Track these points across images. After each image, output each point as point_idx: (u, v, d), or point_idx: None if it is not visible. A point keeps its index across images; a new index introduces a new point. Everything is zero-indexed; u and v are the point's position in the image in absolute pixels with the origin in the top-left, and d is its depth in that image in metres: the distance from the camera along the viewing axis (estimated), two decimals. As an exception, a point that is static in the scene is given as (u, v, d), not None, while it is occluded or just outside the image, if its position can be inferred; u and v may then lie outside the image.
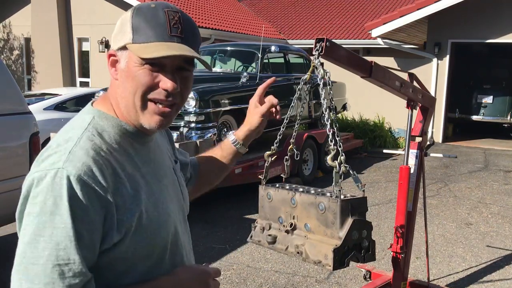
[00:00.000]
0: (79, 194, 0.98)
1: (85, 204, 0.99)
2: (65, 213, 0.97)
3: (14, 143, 4.21)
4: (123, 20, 1.11)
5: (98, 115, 1.12)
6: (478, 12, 10.84)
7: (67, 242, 0.97)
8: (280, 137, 2.59)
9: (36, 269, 0.97)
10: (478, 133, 12.71)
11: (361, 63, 2.83)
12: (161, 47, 1.04)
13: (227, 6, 16.24)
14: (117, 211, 1.04)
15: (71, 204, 0.98)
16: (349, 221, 2.13)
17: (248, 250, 4.80)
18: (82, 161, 1.01)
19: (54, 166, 1.00)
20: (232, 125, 6.65)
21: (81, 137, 1.06)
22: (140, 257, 1.11)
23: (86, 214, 0.99)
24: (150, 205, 1.11)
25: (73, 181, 0.98)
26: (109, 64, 1.13)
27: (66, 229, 0.97)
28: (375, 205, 6.45)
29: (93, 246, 1.02)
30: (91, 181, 1.00)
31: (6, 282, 1.09)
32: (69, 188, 0.98)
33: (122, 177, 1.06)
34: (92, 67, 13.96)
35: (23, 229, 1.01)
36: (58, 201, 0.97)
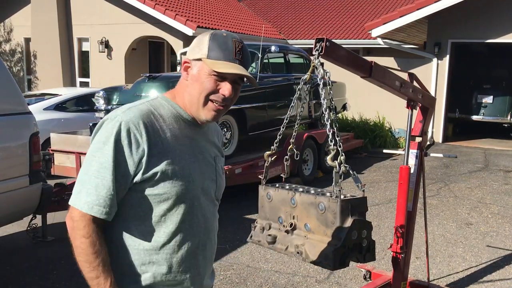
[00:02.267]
0: (124, 135, 1.41)
1: (127, 144, 1.41)
2: (110, 146, 1.40)
3: (14, 143, 4.21)
4: (201, 39, 1.51)
5: (162, 98, 1.56)
6: (478, 12, 10.84)
7: (106, 165, 1.40)
8: (280, 137, 2.59)
9: (85, 177, 1.42)
10: (478, 133, 12.71)
11: (361, 63, 2.83)
12: (227, 65, 1.47)
13: (227, 6, 16.23)
14: (149, 157, 1.42)
15: (116, 141, 1.40)
16: (349, 221, 2.12)
17: (248, 250, 4.80)
18: (134, 115, 1.44)
19: (116, 113, 1.45)
20: (232, 125, 6.65)
21: (142, 103, 1.51)
22: (162, 199, 1.46)
23: (125, 151, 1.41)
24: (177, 164, 1.47)
25: (122, 126, 1.41)
26: (182, 69, 1.54)
27: (108, 156, 1.40)
28: (375, 205, 6.45)
29: (127, 176, 1.42)
30: (135, 129, 1.42)
31: (7, 282, 1.09)
32: (118, 130, 1.41)
33: (162, 136, 1.46)
34: (92, 67, 13.96)
35: (88, 151, 1.45)
36: (109, 136, 1.41)
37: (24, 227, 5.07)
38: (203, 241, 1.57)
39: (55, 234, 5.22)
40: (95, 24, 13.53)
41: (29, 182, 4.23)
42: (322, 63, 2.41)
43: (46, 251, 4.79)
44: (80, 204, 1.40)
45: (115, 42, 13.46)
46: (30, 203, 4.36)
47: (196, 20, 12.37)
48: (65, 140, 6.39)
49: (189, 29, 11.78)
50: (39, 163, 4.41)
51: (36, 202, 4.39)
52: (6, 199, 4.03)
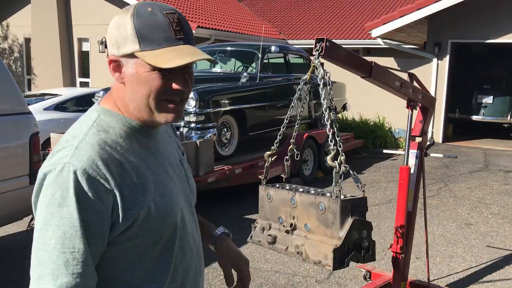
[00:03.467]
0: (85, 187, 1.05)
1: (91, 196, 1.06)
2: (71, 205, 1.04)
3: (14, 143, 4.21)
4: (119, 23, 1.13)
5: (103, 112, 1.18)
6: (478, 12, 10.83)
7: (72, 232, 1.04)
8: (280, 137, 2.59)
9: (44, 255, 1.05)
10: (478, 133, 12.70)
11: (361, 63, 2.83)
12: (174, 53, 1.10)
13: (227, 6, 16.23)
14: (124, 201, 1.10)
15: (77, 196, 1.05)
16: (349, 221, 2.13)
17: (248, 250, 4.80)
18: (88, 155, 1.08)
19: (62, 161, 1.07)
20: (232, 125, 6.65)
21: (87, 133, 1.13)
22: (149, 244, 1.17)
23: (93, 205, 1.06)
24: (157, 194, 1.17)
25: (79, 175, 1.05)
26: (111, 69, 1.16)
27: (72, 219, 1.04)
28: (375, 205, 6.45)
29: (102, 234, 1.09)
30: (96, 174, 1.07)
31: (7, 282, 1.10)
32: (75, 181, 1.05)
33: (127, 169, 1.12)
34: (92, 67, 13.96)
35: (37, 218, 1.09)
36: (65, 194, 1.05)
37: (24, 227, 5.07)
38: (198, 264, 1.35)
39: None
40: (95, 24, 13.52)
41: (29, 182, 4.23)
42: (322, 63, 2.41)
43: (46, 251, 4.78)
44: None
45: (115, 42, 13.44)
46: (30, 203, 4.35)
47: (196, 20, 12.37)
48: (65, 140, 6.36)
49: (189, 29, 11.77)
50: (39, 163, 4.40)
51: (36, 202, 4.38)
52: (6, 199, 4.03)
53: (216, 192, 6.63)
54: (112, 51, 1.14)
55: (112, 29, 1.14)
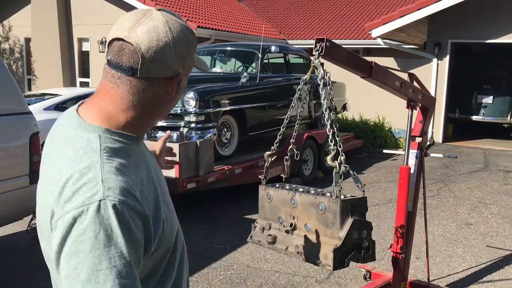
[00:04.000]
0: (127, 218, 0.99)
1: (132, 226, 1.00)
2: (119, 241, 0.97)
3: (14, 143, 4.21)
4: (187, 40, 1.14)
5: (102, 132, 1.09)
6: (478, 12, 10.83)
7: (126, 268, 0.98)
8: (280, 137, 2.59)
9: None
10: (478, 133, 12.71)
11: (361, 63, 2.83)
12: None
13: (227, 6, 16.24)
14: (152, 223, 1.06)
15: (122, 231, 0.98)
16: (349, 221, 2.13)
17: (248, 250, 4.80)
18: (119, 186, 1.00)
19: (94, 199, 0.98)
20: (232, 125, 6.65)
21: (102, 161, 1.03)
22: (162, 255, 1.15)
23: (133, 235, 1.00)
24: (164, 205, 1.14)
25: (120, 208, 0.98)
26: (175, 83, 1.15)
27: (123, 256, 0.97)
28: (375, 205, 6.45)
29: (139, 261, 1.04)
30: (132, 203, 1.01)
31: (7, 282, 1.09)
32: (117, 216, 0.98)
33: (143, 189, 1.07)
34: (92, 67, 13.96)
35: (75, 269, 0.96)
36: (110, 233, 0.97)
37: (24, 227, 5.07)
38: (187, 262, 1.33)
39: (55, 234, 5.22)
40: (95, 24, 13.52)
41: (29, 182, 4.23)
42: (322, 63, 2.41)
43: (46, 251, 4.78)
44: None
45: (115, 42, 13.44)
46: (30, 203, 4.35)
47: (196, 20, 12.37)
48: (65, 140, 6.37)
49: (189, 29, 11.77)
50: (39, 163, 4.40)
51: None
52: (6, 199, 4.04)
53: (216, 192, 6.63)
54: (179, 70, 1.13)
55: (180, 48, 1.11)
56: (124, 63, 1.07)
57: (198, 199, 6.50)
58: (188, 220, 5.59)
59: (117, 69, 1.09)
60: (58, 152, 1.09)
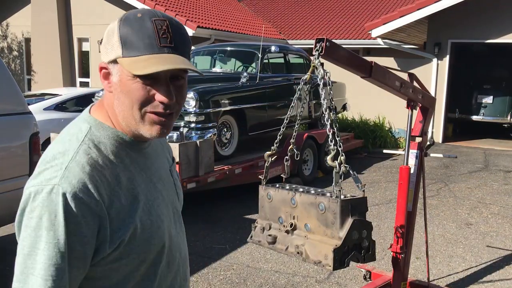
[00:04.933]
0: (74, 210, 1.00)
1: (79, 220, 1.01)
2: (59, 230, 1.00)
3: (14, 143, 4.21)
4: (109, 30, 1.08)
5: (95, 125, 1.12)
6: (478, 12, 10.84)
7: (57, 258, 1.00)
8: (280, 137, 2.59)
9: (32, 279, 1.01)
10: (478, 133, 12.71)
11: (361, 63, 2.83)
12: (153, 60, 1.03)
13: (227, 6, 16.24)
14: (111, 224, 1.06)
15: (65, 221, 1.00)
16: (349, 221, 2.13)
17: (248, 250, 4.80)
18: (78, 178, 1.02)
19: (50, 182, 1.02)
20: (232, 125, 6.65)
21: (77, 150, 1.06)
22: (134, 264, 1.13)
23: (79, 229, 1.02)
24: (144, 214, 1.13)
25: (68, 198, 1.00)
26: (101, 77, 1.12)
27: (59, 245, 1.00)
28: (375, 205, 6.45)
29: (85, 258, 1.04)
30: (86, 197, 1.02)
31: (7, 282, 1.11)
32: (64, 205, 1.00)
33: (117, 190, 1.08)
34: (92, 67, 13.96)
35: (22, 240, 1.04)
36: (53, 218, 1.00)
37: (24, 227, 5.07)
38: (184, 274, 1.31)
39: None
40: (95, 24, 13.52)
41: (29, 182, 4.24)
42: (322, 63, 2.41)
43: (46, 251, 4.79)
44: None
45: (115, 42, 13.45)
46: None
47: (196, 20, 12.37)
48: (65, 140, 6.37)
49: (189, 29, 11.78)
50: (39, 163, 4.40)
51: (36, 202, 4.39)
52: (6, 199, 4.04)
53: (216, 192, 6.63)
54: (103, 58, 1.10)
55: (104, 36, 1.10)
56: None
57: (198, 199, 6.50)
58: (188, 220, 5.59)
59: None
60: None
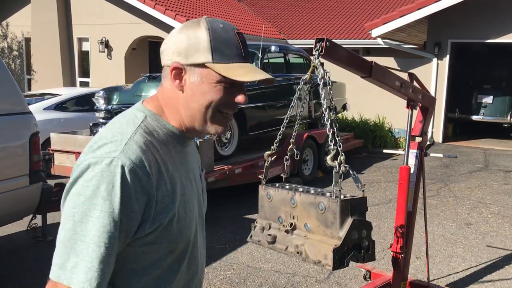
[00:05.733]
0: (130, 183, 1.07)
1: (132, 194, 1.08)
2: (115, 200, 1.06)
3: (14, 143, 4.21)
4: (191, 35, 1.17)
5: (150, 115, 1.21)
6: (478, 12, 10.83)
7: (111, 227, 1.06)
8: (280, 137, 2.59)
9: (82, 246, 1.05)
10: (478, 133, 12.71)
11: (361, 63, 2.83)
12: (244, 69, 1.17)
13: (227, 6, 16.24)
14: (156, 205, 1.12)
15: (121, 192, 1.06)
16: (349, 221, 2.13)
17: (248, 250, 4.80)
18: (136, 154, 1.10)
19: (110, 155, 1.08)
20: (232, 125, 6.65)
21: (135, 132, 1.15)
22: (163, 252, 1.19)
23: (130, 203, 1.08)
24: (181, 204, 1.20)
25: (126, 171, 1.07)
26: (172, 76, 1.19)
27: (114, 214, 1.06)
28: (375, 205, 6.45)
29: (129, 232, 1.10)
30: (140, 173, 1.09)
31: (7, 282, 1.10)
32: (122, 177, 1.06)
33: (164, 174, 1.16)
34: (92, 67, 13.96)
35: (73, 207, 1.07)
36: (110, 188, 1.06)
37: (24, 227, 5.07)
38: (200, 280, 1.36)
39: (55, 234, 5.22)
40: (95, 24, 13.52)
41: (29, 182, 4.23)
42: (322, 63, 2.41)
43: (46, 251, 4.79)
44: (74, 282, 1.04)
45: (115, 42, 13.46)
46: (30, 203, 4.36)
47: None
48: (65, 140, 6.39)
49: (189, 29, 11.77)
50: (39, 163, 4.41)
51: (36, 202, 4.39)
52: (6, 199, 4.03)
53: (216, 192, 6.63)
54: (177, 59, 1.18)
55: (179, 39, 1.18)
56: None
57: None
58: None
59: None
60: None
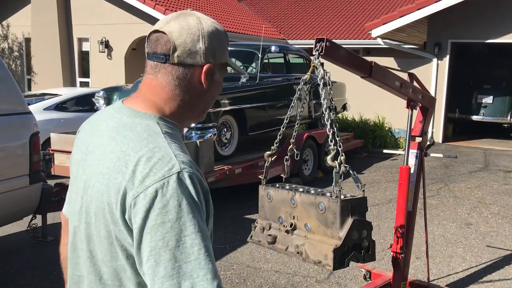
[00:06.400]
0: (199, 189, 1.06)
1: (202, 197, 1.08)
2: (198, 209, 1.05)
3: (14, 143, 4.21)
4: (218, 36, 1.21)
5: (160, 121, 1.18)
6: (478, 12, 10.83)
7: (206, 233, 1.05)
8: (280, 137, 2.59)
9: (188, 266, 1.01)
10: (478, 133, 12.70)
11: (361, 63, 2.83)
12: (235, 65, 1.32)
13: (227, 6, 16.24)
14: (209, 200, 1.13)
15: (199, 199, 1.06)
16: (349, 221, 2.13)
17: (248, 250, 4.80)
18: (189, 161, 1.09)
19: (173, 171, 1.04)
20: (232, 125, 6.65)
21: (168, 141, 1.11)
22: None
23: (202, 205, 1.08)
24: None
25: (195, 178, 1.06)
26: (205, 76, 1.20)
27: (203, 221, 1.05)
28: (375, 205, 6.45)
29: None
30: (201, 177, 1.10)
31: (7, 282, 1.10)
32: (194, 185, 1.05)
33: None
34: (92, 67, 13.96)
35: (162, 239, 1.01)
36: (190, 200, 1.03)
37: (24, 227, 5.07)
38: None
39: (55, 234, 5.22)
40: (95, 24, 13.52)
41: (29, 182, 4.23)
42: (322, 63, 2.41)
43: (46, 251, 4.78)
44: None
45: (115, 42, 13.46)
46: (30, 203, 4.36)
47: (196, 20, 12.37)
48: (65, 140, 6.39)
49: (189, 29, 11.78)
50: (39, 163, 4.41)
51: (36, 202, 4.39)
52: (6, 199, 4.03)
53: (216, 192, 6.63)
54: (209, 60, 1.19)
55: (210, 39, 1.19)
56: (159, 51, 1.16)
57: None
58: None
59: (154, 59, 1.18)
60: (115, 139, 1.13)
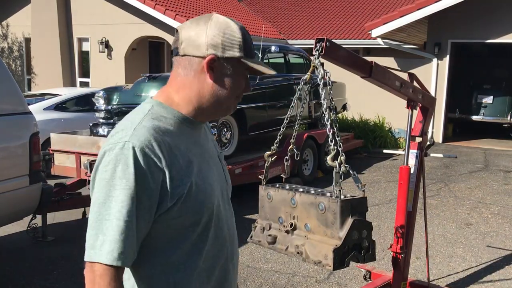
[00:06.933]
0: (142, 163, 1.19)
1: (146, 172, 1.19)
2: (130, 177, 1.17)
3: (14, 143, 4.21)
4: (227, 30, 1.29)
5: (157, 104, 1.33)
6: (478, 12, 10.83)
7: (129, 202, 1.17)
8: (280, 137, 2.59)
9: (107, 223, 1.17)
10: (478, 133, 12.70)
11: (361, 63, 2.83)
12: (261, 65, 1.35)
13: (227, 6, 16.24)
14: (171, 180, 1.23)
15: (136, 170, 1.18)
16: (349, 221, 2.13)
17: (248, 250, 4.80)
18: (144, 136, 1.22)
19: (122, 140, 1.21)
20: (232, 125, 6.65)
21: (143, 118, 1.27)
22: (189, 224, 1.29)
23: (146, 181, 1.19)
24: (199, 178, 1.30)
25: (137, 151, 1.19)
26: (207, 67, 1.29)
27: (130, 190, 1.17)
28: (375, 205, 6.45)
29: (150, 210, 1.21)
30: (151, 152, 1.20)
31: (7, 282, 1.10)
32: (134, 157, 1.18)
33: (176, 153, 1.26)
34: (92, 67, 13.96)
35: (97, 192, 1.20)
36: (125, 168, 1.18)
37: (24, 227, 5.07)
38: (231, 252, 1.43)
39: (55, 234, 5.22)
40: (95, 24, 13.52)
41: (29, 182, 4.23)
42: (322, 63, 2.41)
43: (46, 251, 4.79)
44: (103, 257, 1.16)
45: (115, 42, 13.46)
46: (30, 203, 4.36)
47: (196, 20, 12.37)
48: (65, 140, 6.39)
49: (189, 29, 11.77)
50: (39, 163, 4.41)
51: (36, 202, 4.39)
52: (6, 199, 4.03)
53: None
54: (214, 52, 1.28)
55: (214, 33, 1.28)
56: (173, 47, 1.33)
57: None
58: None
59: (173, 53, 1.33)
60: None
